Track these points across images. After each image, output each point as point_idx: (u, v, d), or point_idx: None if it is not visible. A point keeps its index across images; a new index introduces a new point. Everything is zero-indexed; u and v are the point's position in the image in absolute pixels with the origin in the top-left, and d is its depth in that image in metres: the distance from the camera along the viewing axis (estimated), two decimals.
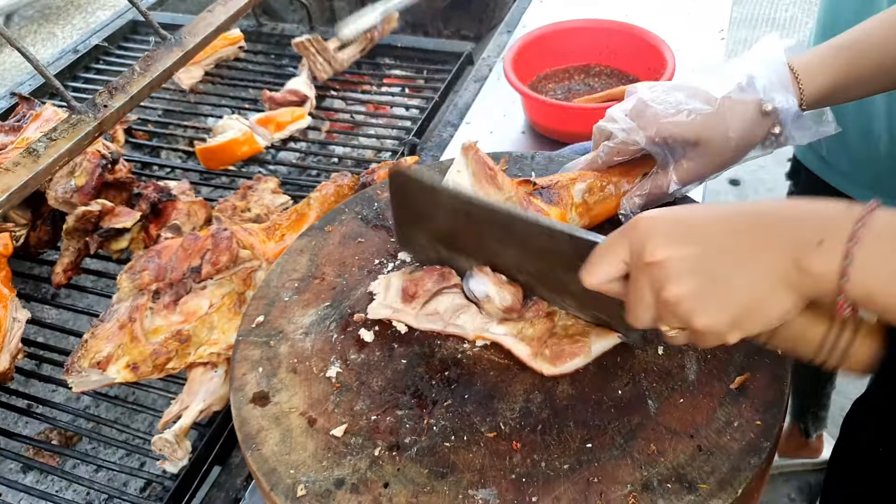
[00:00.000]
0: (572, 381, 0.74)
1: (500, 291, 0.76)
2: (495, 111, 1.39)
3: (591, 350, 0.73)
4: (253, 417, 0.75)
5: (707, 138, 0.80)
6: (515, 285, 0.77)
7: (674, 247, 0.57)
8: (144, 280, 1.04)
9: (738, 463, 0.65)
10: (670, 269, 0.57)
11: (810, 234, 0.53)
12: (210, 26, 0.94)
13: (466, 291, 0.77)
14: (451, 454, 0.69)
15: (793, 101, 0.79)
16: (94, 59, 1.73)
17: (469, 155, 0.85)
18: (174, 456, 0.89)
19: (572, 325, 0.76)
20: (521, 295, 0.77)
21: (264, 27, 1.78)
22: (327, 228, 0.96)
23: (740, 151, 0.81)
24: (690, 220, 0.58)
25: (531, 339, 0.75)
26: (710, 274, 0.56)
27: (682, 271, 0.56)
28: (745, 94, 0.79)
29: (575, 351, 0.73)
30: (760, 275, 0.55)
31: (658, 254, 0.57)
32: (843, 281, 0.51)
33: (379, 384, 0.76)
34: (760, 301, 0.56)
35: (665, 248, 0.57)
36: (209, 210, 1.22)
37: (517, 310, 0.76)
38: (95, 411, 1.18)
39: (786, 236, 0.54)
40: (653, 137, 0.82)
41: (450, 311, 0.78)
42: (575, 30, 1.36)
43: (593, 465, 0.66)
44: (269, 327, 0.84)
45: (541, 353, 0.73)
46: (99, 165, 1.16)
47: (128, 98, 0.82)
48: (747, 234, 0.56)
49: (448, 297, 0.79)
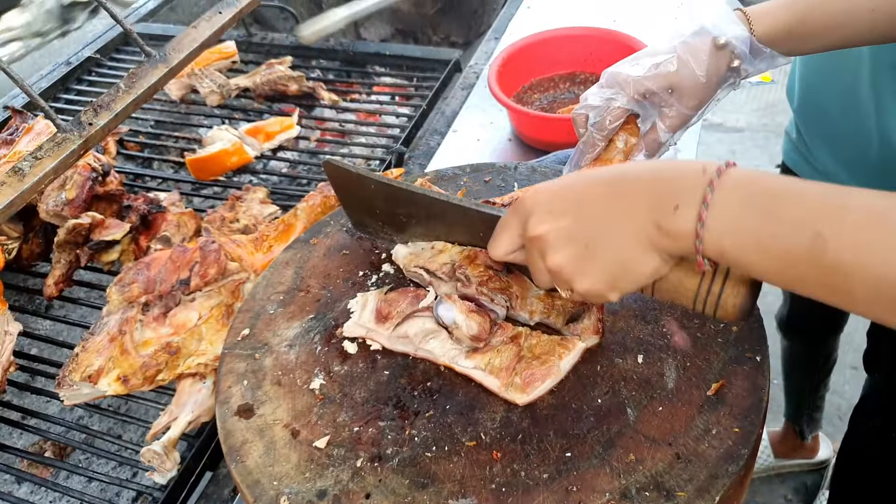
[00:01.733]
0: (552, 391, 0.74)
1: (466, 319, 0.76)
2: (482, 119, 1.40)
3: (561, 368, 0.74)
4: (237, 430, 0.75)
5: (679, 82, 0.86)
6: (483, 314, 0.78)
7: (551, 220, 0.64)
8: (134, 292, 1.05)
9: (715, 470, 0.65)
10: (549, 241, 0.64)
11: (668, 199, 0.58)
12: (194, 42, 0.95)
13: (436, 317, 0.78)
14: (432, 464, 0.70)
15: (743, 32, 0.84)
16: (86, 71, 1.74)
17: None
18: (163, 467, 0.90)
19: (537, 343, 0.76)
20: (489, 323, 0.77)
21: (254, 37, 1.79)
22: (313, 241, 0.97)
23: (710, 89, 0.87)
24: (565, 192, 0.64)
25: (500, 369, 0.75)
26: (583, 242, 0.63)
27: (558, 242, 0.63)
28: (698, 35, 0.85)
29: (544, 373, 0.73)
30: (627, 239, 0.61)
31: (538, 228, 0.64)
32: (697, 242, 0.57)
33: (362, 395, 0.77)
34: (630, 262, 0.62)
35: (543, 223, 0.64)
36: (199, 221, 1.23)
37: (483, 338, 0.77)
38: (89, 422, 1.19)
39: (647, 201, 0.59)
40: (632, 96, 0.88)
41: (420, 335, 0.78)
42: (558, 38, 1.37)
43: (572, 473, 0.67)
44: (255, 340, 0.85)
45: (511, 383, 0.74)
46: (89, 178, 1.17)
47: (113, 115, 0.83)
48: (613, 201, 0.61)
49: (419, 321, 0.79)
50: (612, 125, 0.91)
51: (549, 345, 0.76)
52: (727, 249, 0.56)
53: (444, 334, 0.78)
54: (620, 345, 0.78)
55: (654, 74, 0.86)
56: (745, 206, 0.55)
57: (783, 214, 0.53)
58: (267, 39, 1.79)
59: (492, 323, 0.78)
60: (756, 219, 0.54)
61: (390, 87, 1.72)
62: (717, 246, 0.56)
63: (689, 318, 0.79)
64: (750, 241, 0.55)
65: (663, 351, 0.76)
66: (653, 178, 0.60)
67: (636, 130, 0.93)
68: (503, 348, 0.76)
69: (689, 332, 0.78)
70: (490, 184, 1.03)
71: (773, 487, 2.16)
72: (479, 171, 1.06)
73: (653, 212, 0.59)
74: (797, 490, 2.13)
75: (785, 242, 0.53)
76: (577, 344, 0.75)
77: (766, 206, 0.54)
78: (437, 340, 0.77)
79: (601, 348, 0.77)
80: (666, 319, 0.80)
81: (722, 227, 0.56)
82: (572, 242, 0.63)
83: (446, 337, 0.78)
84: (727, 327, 0.77)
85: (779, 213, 0.53)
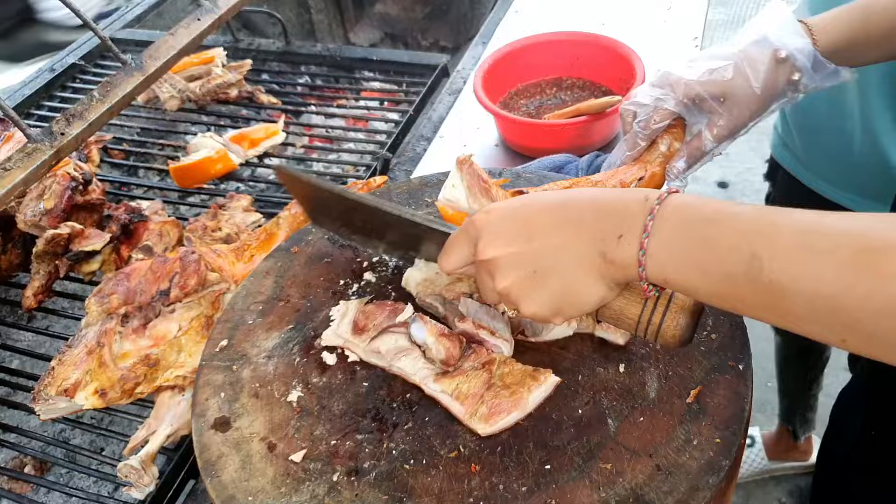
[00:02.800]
0: None
1: (436, 343, 0.75)
2: (469, 124, 1.39)
3: (528, 402, 0.71)
4: (213, 443, 0.74)
5: (732, 91, 0.84)
6: (452, 338, 0.76)
7: (500, 245, 0.64)
8: (113, 304, 1.03)
9: (696, 482, 0.64)
10: (498, 265, 0.65)
11: (613, 229, 0.59)
12: (172, 49, 0.94)
13: (411, 335, 0.77)
14: (410, 478, 0.68)
15: (807, 45, 0.82)
16: (70, 78, 1.73)
17: (464, 168, 0.85)
18: (140, 482, 0.88)
19: (508, 372, 0.74)
20: (458, 349, 0.75)
21: (241, 42, 1.78)
22: (293, 249, 0.96)
23: (765, 101, 0.85)
24: (515, 217, 0.65)
25: (467, 396, 0.72)
26: (530, 268, 0.63)
27: (507, 266, 0.64)
28: (759, 45, 0.83)
29: (511, 405, 0.71)
30: (573, 267, 0.62)
31: (488, 251, 0.65)
32: (640, 270, 0.58)
33: (340, 408, 0.76)
34: (576, 290, 0.63)
35: (492, 247, 0.65)
36: (182, 230, 1.21)
37: (452, 363, 0.75)
38: (70, 435, 1.18)
39: (592, 231, 0.61)
40: (681, 99, 0.87)
41: (392, 352, 0.77)
42: (545, 44, 1.36)
43: (551, 486, 0.66)
44: (233, 351, 0.84)
45: (476, 412, 0.71)
46: (68, 188, 1.16)
47: (86, 125, 0.82)
48: (560, 230, 0.62)
49: (392, 338, 0.78)
50: (657, 126, 0.90)
51: (520, 375, 0.74)
52: (670, 276, 0.58)
53: (418, 352, 0.76)
54: (602, 354, 0.77)
55: (708, 80, 0.84)
56: (685, 234, 0.56)
57: (720, 239, 0.54)
58: (254, 45, 1.78)
59: (462, 347, 0.76)
60: (695, 245, 0.56)
61: (379, 93, 1.71)
62: (660, 273, 0.58)
63: None
64: (691, 266, 0.56)
65: (645, 360, 0.75)
66: (598, 207, 0.61)
67: (681, 135, 0.92)
68: (473, 374, 0.74)
69: None
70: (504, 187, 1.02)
71: (768, 490, 2.15)
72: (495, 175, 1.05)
73: (598, 241, 0.60)
74: (791, 493, 2.12)
75: (724, 266, 0.54)
76: (550, 378, 0.73)
77: (704, 232, 0.55)
78: (409, 358, 0.76)
79: (581, 357, 0.76)
80: None
81: (664, 254, 0.57)
82: (520, 267, 0.64)
83: (419, 355, 0.76)
84: (709, 335, 0.76)
85: (716, 238, 0.55)
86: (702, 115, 0.88)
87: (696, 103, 0.87)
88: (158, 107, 1.64)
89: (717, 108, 0.85)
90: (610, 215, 0.60)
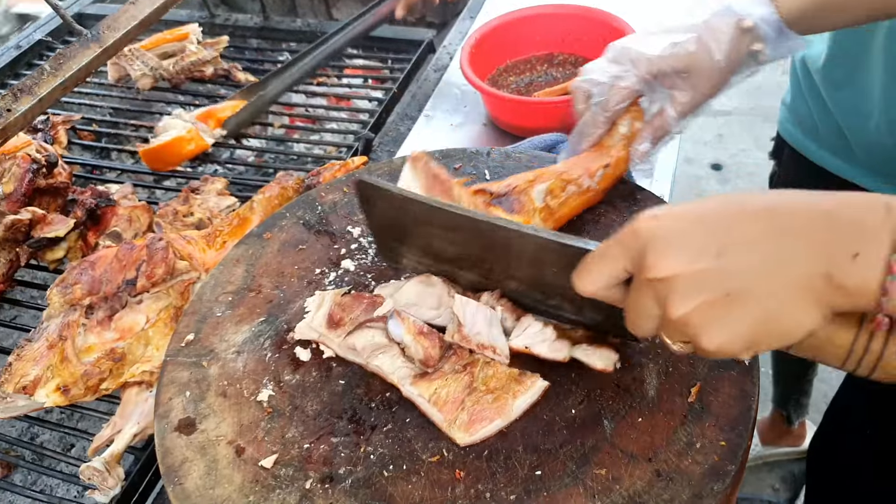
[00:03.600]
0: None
1: (414, 342, 0.69)
2: (456, 103, 1.33)
3: (512, 410, 0.66)
4: (177, 447, 0.68)
5: (696, 65, 0.79)
6: (432, 337, 0.70)
7: (683, 260, 0.51)
8: (77, 294, 0.97)
9: (699, 489, 0.59)
10: (677, 286, 0.51)
11: (844, 245, 0.47)
12: (133, 19, 0.87)
13: (389, 331, 0.71)
14: (389, 485, 0.63)
15: (771, 13, 0.77)
16: (37, 56, 1.64)
17: (418, 167, 0.77)
18: (105, 485, 0.83)
19: (493, 375, 0.68)
20: (438, 349, 0.69)
21: (217, 18, 1.70)
22: (266, 235, 0.89)
23: (727, 73, 0.80)
24: (704, 224, 0.52)
25: (446, 401, 0.66)
26: (723, 289, 0.50)
27: (690, 287, 0.51)
28: (722, 16, 0.79)
29: (493, 413, 0.65)
30: (784, 290, 0.49)
31: (664, 267, 0.51)
32: (884, 299, 0.46)
33: (314, 408, 0.70)
34: (782, 318, 0.50)
35: (671, 263, 0.51)
36: (153, 215, 1.15)
37: (431, 364, 0.69)
38: (39, 431, 1.12)
39: (815, 246, 0.48)
40: (643, 76, 0.81)
41: (368, 349, 0.71)
42: (534, 17, 1.29)
43: (542, 494, 0.61)
44: (200, 346, 0.78)
45: (456, 420, 0.65)
46: (29, 171, 1.09)
47: (36, 100, 0.76)
48: (771, 242, 0.49)
49: (368, 334, 0.72)
50: (618, 106, 0.84)
51: (505, 379, 0.68)
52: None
53: (396, 350, 0.71)
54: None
55: (671, 55, 0.80)
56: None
57: None
58: (231, 21, 1.70)
59: (443, 347, 0.70)
60: None
61: (362, 70, 1.64)
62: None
63: None
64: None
65: (644, 355, 0.70)
66: (823, 216, 0.49)
67: (640, 115, 0.86)
68: (454, 377, 0.68)
69: None
70: (460, 171, 0.96)
71: (761, 477, 2.12)
72: (450, 158, 0.99)
73: (823, 258, 0.48)
74: (784, 479, 2.10)
75: None
76: (537, 383, 0.67)
77: None
78: (386, 356, 0.70)
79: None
80: None
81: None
82: (709, 290, 0.50)
83: (398, 353, 0.70)
84: None
85: None
86: (662, 91, 0.83)
87: (658, 79, 0.82)
88: (131, 85, 1.57)
89: (681, 84, 0.81)
90: (839, 226, 0.48)
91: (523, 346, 0.70)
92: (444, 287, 0.74)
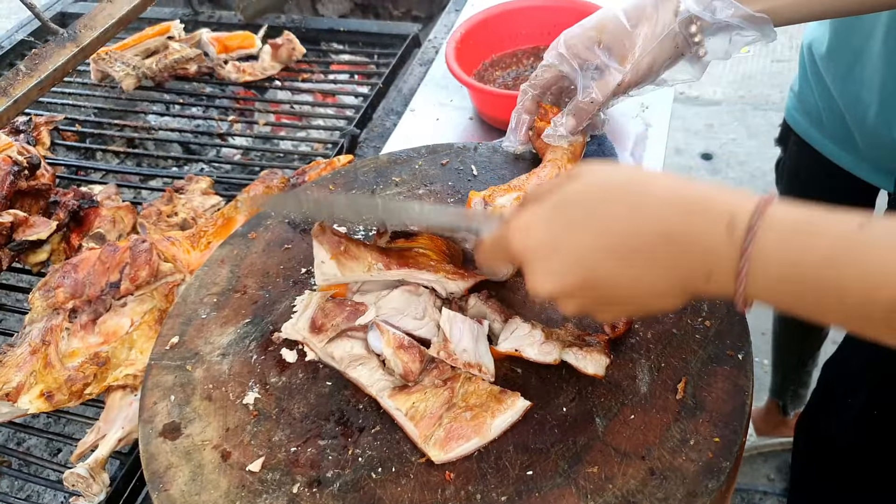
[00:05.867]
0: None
1: (394, 355, 0.68)
2: (441, 97, 1.31)
3: (490, 429, 0.64)
4: (162, 453, 0.67)
5: (610, 40, 0.80)
6: (412, 351, 0.68)
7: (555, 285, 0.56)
8: (59, 298, 0.95)
9: (693, 487, 0.58)
10: (556, 299, 0.57)
11: (697, 267, 0.51)
12: (110, 18, 0.85)
13: (369, 343, 0.70)
14: (378, 488, 0.62)
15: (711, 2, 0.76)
16: (19, 56, 1.62)
17: (323, 240, 0.73)
18: (89, 491, 0.81)
19: (473, 391, 0.67)
20: (418, 363, 0.68)
21: (200, 14, 1.68)
22: (251, 235, 0.88)
23: (657, 58, 0.80)
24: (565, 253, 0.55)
25: (423, 416, 0.65)
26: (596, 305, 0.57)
27: (568, 298, 0.57)
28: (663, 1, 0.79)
29: (471, 431, 0.63)
30: (649, 297, 0.55)
31: (539, 287, 0.56)
32: (738, 300, 0.51)
33: (301, 411, 0.69)
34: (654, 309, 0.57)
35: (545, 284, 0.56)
36: (136, 216, 1.13)
37: (411, 378, 0.68)
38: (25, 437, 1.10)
39: (671, 271, 0.52)
40: (558, 51, 0.83)
41: (346, 359, 0.70)
42: (521, 10, 1.27)
43: (534, 495, 0.59)
44: (185, 349, 0.76)
45: (432, 436, 0.64)
46: (10, 173, 1.07)
47: (11, 102, 0.74)
48: (631, 270, 0.53)
49: (347, 344, 0.70)
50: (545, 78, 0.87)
51: (485, 396, 0.66)
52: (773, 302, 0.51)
53: (375, 362, 0.69)
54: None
55: (587, 28, 0.81)
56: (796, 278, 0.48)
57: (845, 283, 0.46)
58: (214, 17, 1.68)
59: (424, 361, 0.68)
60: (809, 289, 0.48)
61: (348, 66, 1.62)
62: (761, 300, 0.51)
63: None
64: (809, 305, 0.49)
65: (635, 350, 0.69)
66: (671, 241, 0.52)
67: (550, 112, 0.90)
68: (433, 391, 0.66)
69: (664, 327, 0.71)
70: (447, 166, 0.95)
71: (756, 467, 2.12)
72: (436, 153, 0.97)
73: (679, 280, 0.53)
74: (779, 469, 2.10)
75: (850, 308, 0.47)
76: (517, 402, 0.65)
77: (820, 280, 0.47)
78: (365, 368, 0.69)
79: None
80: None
81: (768, 295, 0.50)
82: (584, 307, 0.57)
83: (377, 366, 0.69)
84: (703, 322, 0.70)
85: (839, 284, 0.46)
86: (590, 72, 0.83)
87: (583, 59, 0.83)
88: (115, 85, 1.54)
89: (604, 60, 0.81)
90: (687, 251, 0.51)
91: (512, 350, 0.68)
92: (431, 298, 0.73)
